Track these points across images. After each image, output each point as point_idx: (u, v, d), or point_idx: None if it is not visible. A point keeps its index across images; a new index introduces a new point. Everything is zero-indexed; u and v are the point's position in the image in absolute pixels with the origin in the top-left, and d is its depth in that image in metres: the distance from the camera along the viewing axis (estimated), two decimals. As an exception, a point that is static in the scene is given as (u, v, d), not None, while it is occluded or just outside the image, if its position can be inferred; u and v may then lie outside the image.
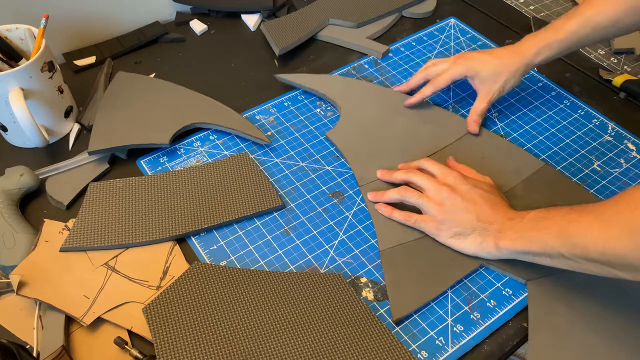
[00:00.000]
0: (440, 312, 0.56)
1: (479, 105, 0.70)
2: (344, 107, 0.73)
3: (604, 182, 0.67)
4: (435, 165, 0.61)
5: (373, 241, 0.61)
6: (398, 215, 0.60)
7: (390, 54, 0.84)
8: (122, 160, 0.69)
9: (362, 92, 0.75)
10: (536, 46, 0.67)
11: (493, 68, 0.68)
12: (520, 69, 0.68)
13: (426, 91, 0.71)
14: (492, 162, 0.67)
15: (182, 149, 0.70)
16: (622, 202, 0.46)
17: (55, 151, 0.69)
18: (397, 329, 0.54)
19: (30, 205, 0.64)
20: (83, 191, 0.64)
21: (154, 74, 0.79)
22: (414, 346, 0.53)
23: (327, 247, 0.61)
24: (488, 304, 0.56)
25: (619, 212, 0.45)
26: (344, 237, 0.61)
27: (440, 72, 0.71)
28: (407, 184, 0.63)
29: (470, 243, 0.57)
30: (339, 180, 0.67)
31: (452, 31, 0.88)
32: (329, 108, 0.75)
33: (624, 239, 0.44)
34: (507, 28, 0.89)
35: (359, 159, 0.68)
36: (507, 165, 0.67)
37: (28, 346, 0.52)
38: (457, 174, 0.60)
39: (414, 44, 0.86)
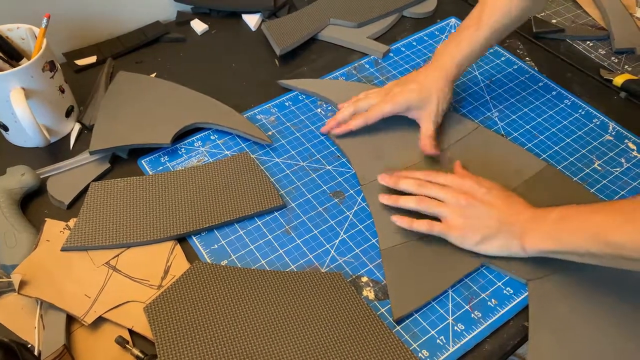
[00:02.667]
0: (441, 311, 0.56)
1: (425, 127, 0.68)
2: None
3: (604, 182, 0.67)
4: (446, 177, 0.61)
5: (374, 240, 0.61)
6: (419, 225, 0.59)
7: (391, 54, 0.84)
8: (123, 160, 0.69)
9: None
10: (455, 60, 0.68)
11: (419, 95, 0.67)
12: (446, 85, 0.68)
13: (357, 123, 0.69)
14: (493, 162, 0.67)
15: (183, 149, 0.70)
16: None
17: (56, 151, 0.69)
18: (398, 328, 0.54)
19: (32, 204, 0.64)
20: (84, 191, 0.64)
21: (154, 73, 0.79)
22: (414, 345, 0.53)
23: (327, 246, 0.61)
24: (489, 303, 0.56)
25: None
26: (344, 236, 0.61)
27: (368, 107, 0.69)
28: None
29: (496, 246, 0.57)
30: (340, 179, 0.67)
31: (453, 31, 0.88)
32: (330, 108, 0.76)
33: None
34: (507, 28, 0.89)
35: (361, 158, 0.68)
36: (509, 165, 0.67)
37: (29, 345, 0.52)
38: (470, 180, 0.60)
39: (414, 43, 0.86)
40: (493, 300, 0.57)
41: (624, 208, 0.49)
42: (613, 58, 0.83)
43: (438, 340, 0.54)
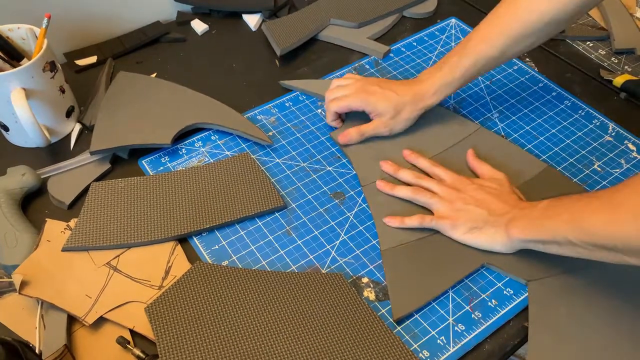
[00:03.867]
0: (442, 312, 0.56)
1: (367, 127, 0.69)
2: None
3: (604, 183, 0.67)
4: (444, 172, 0.64)
5: (374, 241, 0.61)
6: (411, 220, 0.60)
7: (391, 54, 0.84)
8: (123, 160, 0.69)
9: None
10: (435, 87, 0.67)
11: (392, 105, 0.67)
12: (417, 113, 0.68)
13: (352, 137, 0.69)
14: (494, 163, 0.67)
15: (183, 149, 0.70)
16: (631, 185, 0.46)
17: (56, 151, 0.69)
18: (399, 328, 0.55)
19: (32, 204, 0.64)
20: (85, 191, 0.64)
21: (155, 73, 0.79)
22: (415, 346, 0.53)
23: (328, 247, 0.61)
24: (489, 303, 0.57)
25: (626, 195, 0.45)
26: (345, 237, 0.62)
27: (340, 97, 0.70)
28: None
29: (484, 237, 0.58)
30: (340, 180, 0.67)
31: (453, 31, 0.88)
32: (330, 108, 0.76)
33: (631, 222, 0.44)
34: (507, 28, 0.89)
35: (362, 159, 0.68)
36: (510, 166, 0.67)
37: (30, 345, 0.52)
38: (464, 178, 0.62)
39: (414, 44, 0.86)
40: (493, 300, 0.57)
41: (605, 195, 0.48)
42: (613, 58, 0.84)
43: (439, 341, 0.54)
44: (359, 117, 0.71)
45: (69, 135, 0.71)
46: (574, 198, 0.52)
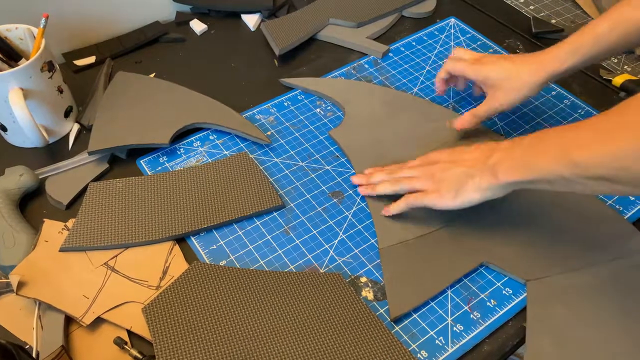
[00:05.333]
0: (440, 312, 0.56)
1: (479, 108, 0.67)
2: (347, 108, 0.73)
3: (604, 182, 0.67)
4: (414, 161, 0.63)
5: (373, 241, 0.61)
6: (397, 206, 0.60)
7: (390, 54, 0.84)
8: (121, 160, 0.68)
9: (365, 93, 0.76)
10: (558, 53, 0.61)
11: (504, 74, 0.64)
12: (538, 80, 0.62)
13: (438, 76, 0.70)
14: None
15: (181, 149, 0.70)
16: (619, 112, 0.44)
17: (55, 151, 0.69)
18: (397, 328, 0.54)
19: (30, 205, 0.64)
20: (83, 191, 0.64)
21: (154, 73, 0.79)
22: (413, 346, 0.53)
23: (326, 246, 0.60)
24: (488, 303, 0.56)
25: (617, 122, 0.44)
26: (343, 236, 0.61)
27: (457, 58, 0.69)
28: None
29: (472, 191, 0.55)
30: (339, 180, 0.67)
31: (452, 31, 0.88)
32: (329, 108, 0.75)
33: (630, 148, 0.42)
34: (507, 28, 0.89)
35: (362, 158, 0.68)
36: None
37: (27, 346, 0.52)
38: (434, 152, 0.61)
39: (414, 43, 0.86)
40: (492, 300, 0.57)
41: (599, 125, 0.45)
42: (613, 58, 0.83)
43: (437, 341, 0.54)
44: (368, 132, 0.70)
45: (67, 136, 0.71)
46: (558, 130, 0.49)
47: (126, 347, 0.51)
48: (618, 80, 0.78)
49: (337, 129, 0.71)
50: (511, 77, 0.64)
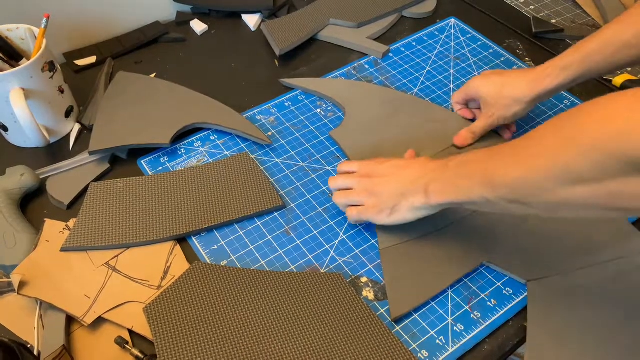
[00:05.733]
0: (441, 312, 0.56)
1: (476, 124, 0.69)
2: (347, 108, 0.73)
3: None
4: (350, 164, 0.62)
5: (373, 241, 0.61)
6: (349, 218, 0.60)
7: (391, 54, 0.84)
8: (122, 160, 0.69)
9: (365, 94, 0.76)
10: (550, 69, 0.61)
11: (494, 90, 0.65)
12: (527, 97, 0.63)
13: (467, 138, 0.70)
14: None
15: (182, 149, 0.70)
16: (537, 137, 0.45)
17: (56, 151, 0.69)
18: (398, 328, 0.54)
19: (31, 205, 0.64)
20: (84, 191, 0.64)
21: (154, 73, 0.79)
22: (414, 345, 0.53)
23: (327, 247, 0.61)
24: (488, 303, 0.56)
25: (534, 148, 0.44)
26: (344, 237, 0.61)
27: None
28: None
29: (406, 210, 0.56)
30: (340, 180, 0.67)
31: (453, 31, 0.88)
32: (329, 108, 0.76)
33: (537, 176, 0.43)
34: (507, 28, 0.89)
35: (362, 157, 0.68)
36: None
37: (29, 346, 0.52)
38: (370, 161, 0.61)
39: (414, 44, 0.86)
40: (492, 300, 0.57)
41: (518, 150, 0.46)
42: (612, 58, 0.83)
43: (437, 341, 0.54)
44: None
45: (68, 136, 0.71)
46: (484, 153, 0.50)
47: (127, 346, 0.51)
48: (618, 81, 0.78)
49: (337, 130, 0.71)
50: (498, 94, 0.65)
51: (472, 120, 0.72)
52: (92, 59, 0.81)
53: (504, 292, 0.57)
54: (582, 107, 0.43)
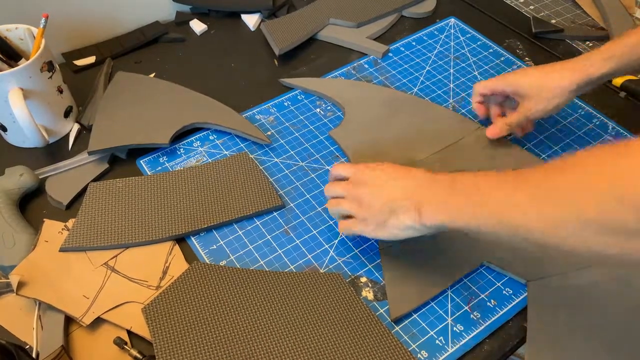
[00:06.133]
0: (440, 312, 0.56)
1: (514, 115, 0.66)
2: (347, 107, 0.73)
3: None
4: (345, 169, 0.57)
5: (373, 241, 0.61)
6: (341, 231, 0.57)
7: (390, 54, 0.84)
8: (121, 160, 0.68)
9: (365, 93, 0.76)
10: (593, 58, 0.59)
11: (534, 82, 0.62)
12: (569, 86, 0.60)
13: (473, 99, 0.69)
14: (494, 162, 0.67)
15: (181, 149, 0.69)
16: (565, 169, 0.40)
17: (55, 151, 0.69)
18: (397, 328, 0.54)
19: (30, 205, 0.64)
20: (83, 191, 0.64)
21: (153, 73, 0.79)
22: (413, 346, 0.53)
23: (326, 246, 0.60)
24: (488, 303, 0.56)
25: (564, 182, 0.40)
26: (343, 236, 0.61)
27: (487, 79, 0.69)
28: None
29: (394, 227, 0.51)
30: (339, 180, 0.67)
31: (452, 31, 0.88)
32: (329, 108, 0.75)
33: (565, 217, 0.39)
34: (507, 28, 0.89)
35: (362, 157, 0.68)
36: (509, 165, 0.66)
37: (27, 346, 0.52)
38: (363, 166, 0.56)
39: (414, 43, 0.86)
40: (492, 300, 0.57)
41: (546, 179, 0.41)
42: (613, 58, 0.83)
43: (437, 341, 0.53)
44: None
45: (67, 136, 0.71)
46: (492, 181, 0.45)
47: (126, 347, 0.51)
48: (618, 81, 0.78)
49: (337, 129, 0.71)
50: (541, 85, 0.62)
51: (485, 122, 0.71)
52: (91, 59, 0.80)
53: (504, 292, 0.57)
54: (632, 144, 0.36)
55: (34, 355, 0.51)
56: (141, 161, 0.68)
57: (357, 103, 0.74)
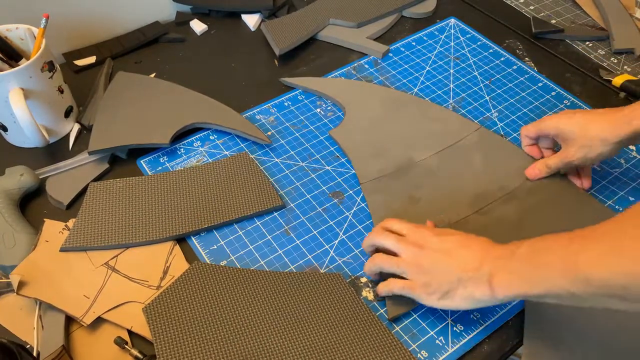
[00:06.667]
0: (440, 312, 0.56)
1: (552, 159, 0.63)
2: (347, 107, 0.73)
3: (603, 182, 0.67)
4: (401, 224, 0.55)
5: (373, 241, 0.61)
6: (383, 290, 0.54)
7: (390, 54, 0.84)
8: (122, 160, 0.69)
9: (365, 93, 0.76)
10: (638, 110, 0.56)
11: (575, 128, 0.59)
12: (618, 137, 0.57)
13: (523, 142, 0.67)
14: (495, 162, 0.67)
15: (182, 149, 0.70)
16: (628, 219, 0.40)
17: (55, 151, 0.69)
18: (397, 328, 0.54)
19: (31, 205, 0.64)
20: (83, 191, 0.64)
21: (154, 73, 0.79)
22: (413, 346, 0.53)
23: (327, 247, 0.61)
24: (488, 303, 0.56)
25: (628, 233, 0.39)
26: (344, 237, 0.61)
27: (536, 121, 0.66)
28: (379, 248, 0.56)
29: (462, 299, 0.49)
30: (339, 180, 0.67)
31: (452, 31, 0.88)
32: (329, 108, 0.76)
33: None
34: (507, 28, 0.89)
35: (362, 157, 0.68)
36: (509, 165, 0.67)
37: (28, 346, 0.52)
38: (425, 228, 0.53)
39: (414, 44, 0.86)
40: (492, 300, 0.57)
41: (611, 234, 0.40)
42: (612, 58, 0.83)
43: (437, 341, 0.54)
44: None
45: (67, 136, 0.71)
46: (562, 240, 0.44)
47: (127, 346, 0.51)
48: (618, 81, 0.78)
49: (337, 129, 0.71)
50: (582, 133, 0.59)
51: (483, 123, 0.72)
52: (91, 59, 0.80)
53: (504, 292, 0.57)
54: None
55: (34, 355, 0.51)
56: (141, 161, 0.68)
57: (357, 103, 0.74)
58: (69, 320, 0.54)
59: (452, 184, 0.65)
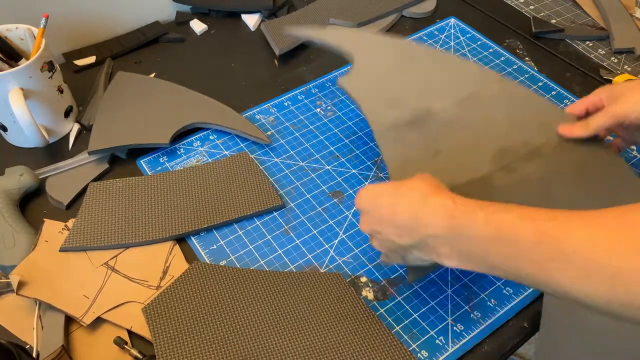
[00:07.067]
0: (441, 312, 0.56)
1: (596, 118, 0.56)
2: (356, 56, 0.68)
3: (604, 182, 0.67)
4: (358, 201, 0.50)
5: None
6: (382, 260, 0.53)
7: (390, 54, 0.84)
8: (122, 160, 0.68)
9: (375, 43, 0.70)
10: None
11: (634, 84, 0.55)
12: None
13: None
14: (518, 115, 0.61)
15: (182, 149, 0.70)
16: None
17: (55, 151, 0.69)
18: (397, 328, 0.54)
19: (30, 205, 0.64)
20: (83, 191, 0.64)
21: (154, 73, 0.79)
22: (414, 346, 0.53)
23: (327, 246, 0.60)
24: (488, 303, 0.56)
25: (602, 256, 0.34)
26: (343, 236, 0.61)
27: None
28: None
29: (416, 260, 0.47)
30: (339, 179, 0.67)
31: (452, 31, 0.88)
32: (329, 108, 0.75)
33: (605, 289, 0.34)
34: (507, 28, 0.89)
35: (375, 106, 0.63)
36: (534, 117, 0.61)
37: (28, 346, 0.52)
38: (363, 193, 0.49)
39: (414, 43, 0.85)
40: (492, 300, 0.57)
41: (576, 253, 0.35)
42: (613, 58, 0.83)
43: (437, 341, 0.54)
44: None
45: (67, 135, 0.71)
46: (529, 237, 0.38)
47: (126, 347, 0.51)
48: (618, 80, 0.78)
49: (345, 77, 0.65)
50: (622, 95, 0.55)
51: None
52: (91, 59, 0.80)
53: (504, 291, 0.57)
54: None
55: (34, 355, 0.51)
56: (141, 161, 0.68)
57: (367, 52, 0.68)
58: (69, 320, 0.54)
59: (473, 136, 0.60)
